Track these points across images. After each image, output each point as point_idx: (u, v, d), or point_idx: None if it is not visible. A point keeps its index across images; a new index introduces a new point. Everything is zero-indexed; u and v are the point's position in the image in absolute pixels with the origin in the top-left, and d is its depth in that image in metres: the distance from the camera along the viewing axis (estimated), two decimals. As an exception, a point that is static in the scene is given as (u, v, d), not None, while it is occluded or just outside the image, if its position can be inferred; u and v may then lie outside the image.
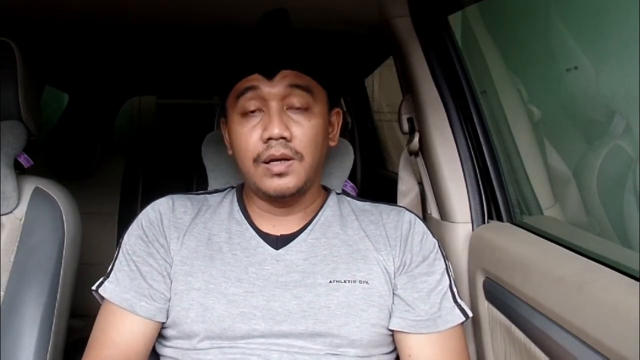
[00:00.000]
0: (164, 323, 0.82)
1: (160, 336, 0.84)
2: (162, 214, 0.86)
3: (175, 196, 0.90)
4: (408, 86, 1.08)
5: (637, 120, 1.35)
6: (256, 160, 0.79)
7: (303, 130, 0.80)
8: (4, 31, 1.02)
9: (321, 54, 0.88)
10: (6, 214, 0.97)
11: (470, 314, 0.81)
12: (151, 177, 2.30)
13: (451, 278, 0.83)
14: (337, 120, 0.91)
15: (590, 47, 1.44)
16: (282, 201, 0.83)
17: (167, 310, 0.82)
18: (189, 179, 2.29)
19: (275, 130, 0.77)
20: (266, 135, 0.78)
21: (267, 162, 0.78)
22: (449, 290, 0.82)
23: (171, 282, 0.82)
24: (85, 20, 1.19)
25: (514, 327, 0.78)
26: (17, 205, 0.98)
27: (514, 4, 1.48)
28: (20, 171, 1.03)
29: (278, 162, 0.78)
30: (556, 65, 1.52)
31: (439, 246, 0.85)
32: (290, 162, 0.78)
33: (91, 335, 0.82)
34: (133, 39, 1.46)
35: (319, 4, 1.06)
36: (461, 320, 0.80)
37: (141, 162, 2.33)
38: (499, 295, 0.83)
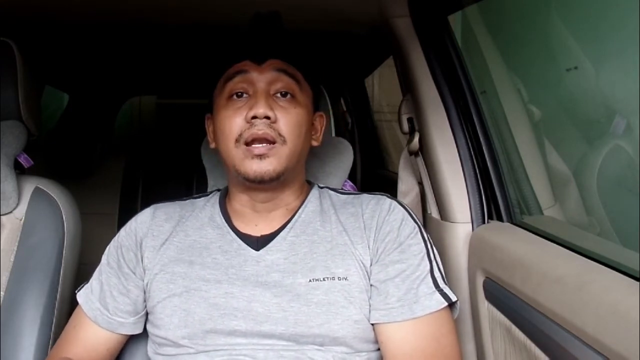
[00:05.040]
0: (155, 331, 0.82)
1: (151, 343, 0.85)
2: (141, 226, 0.88)
3: (159, 205, 0.92)
4: (408, 86, 1.08)
5: (637, 120, 1.35)
6: (238, 140, 0.79)
7: (288, 115, 0.81)
8: (4, 31, 1.02)
9: (311, 51, 0.89)
10: (6, 214, 0.97)
11: (453, 299, 0.78)
12: (151, 177, 2.30)
13: (434, 263, 0.80)
14: (321, 124, 0.92)
15: (590, 47, 1.44)
16: (261, 189, 0.83)
17: (134, 324, 0.85)
18: (189, 179, 2.29)
19: (260, 109, 0.78)
20: (251, 114, 0.78)
21: (248, 145, 0.78)
22: (428, 275, 0.78)
23: (147, 294, 0.84)
24: (85, 20, 1.19)
25: (514, 327, 0.78)
26: (17, 205, 0.98)
27: (514, 4, 1.48)
28: (20, 171, 1.03)
29: (259, 145, 0.78)
30: (556, 65, 1.52)
31: (421, 231, 0.82)
32: (272, 145, 0.79)
33: (65, 328, 0.88)
34: (133, 39, 1.46)
35: (320, 4, 1.06)
36: (442, 306, 0.76)
37: (141, 162, 2.34)
38: (499, 295, 0.82)
